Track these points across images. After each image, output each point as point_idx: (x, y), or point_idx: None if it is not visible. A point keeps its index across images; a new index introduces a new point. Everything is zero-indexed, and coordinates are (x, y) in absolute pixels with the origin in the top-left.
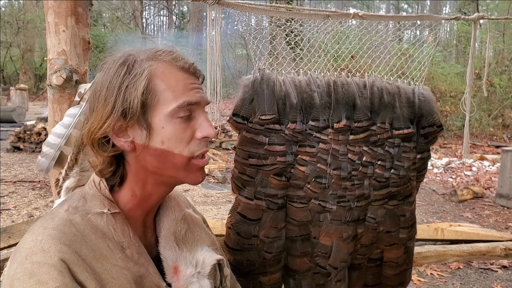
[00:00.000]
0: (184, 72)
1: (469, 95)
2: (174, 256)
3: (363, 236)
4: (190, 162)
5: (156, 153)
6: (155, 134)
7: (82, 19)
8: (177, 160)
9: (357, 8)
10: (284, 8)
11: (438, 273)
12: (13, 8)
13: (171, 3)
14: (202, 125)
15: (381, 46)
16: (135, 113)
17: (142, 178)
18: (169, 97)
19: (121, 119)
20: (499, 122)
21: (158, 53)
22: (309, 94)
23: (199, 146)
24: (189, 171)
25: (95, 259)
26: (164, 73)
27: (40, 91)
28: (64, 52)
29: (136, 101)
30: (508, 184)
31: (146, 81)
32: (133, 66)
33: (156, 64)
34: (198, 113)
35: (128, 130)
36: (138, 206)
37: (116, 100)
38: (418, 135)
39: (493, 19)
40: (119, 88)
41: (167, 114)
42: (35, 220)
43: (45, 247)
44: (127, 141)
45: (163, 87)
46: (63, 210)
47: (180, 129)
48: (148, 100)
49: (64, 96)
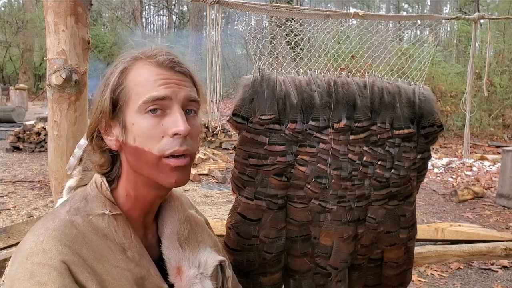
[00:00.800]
0: (158, 67)
1: (470, 95)
2: (177, 256)
3: (364, 236)
4: (161, 161)
5: (131, 151)
6: (128, 131)
7: (81, 18)
8: (148, 158)
9: (357, 8)
10: (284, 8)
11: (439, 273)
12: (13, 7)
13: (171, 3)
14: (173, 122)
15: (382, 46)
16: (106, 111)
17: (132, 178)
18: (138, 93)
19: (102, 115)
20: (500, 122)
21: (143, 52)
22: (309, 94)
23: (171, 144)
24: (160, 170)
25: (96, 260)
26: (137, 70)
27: (39, 91)
28: (63, 52)
29: (107, 99)
30: (508, 184)
31: (117, 78)
32: (115, 66)
33: (133, 62)
34: (172, 109)
35: (112, 129)
36: (135, 207)
37: (99, 99)
38: (418, 135)
39: (494, 18)
40: (103, 87)
41: (136, 110)
42: (35, 220)
43: (46, 248)
44: (112, 139)
45: (134, 83)
46: (65, 211)
47: (149, 126)
48: (120, 97)
49: (63, 96)
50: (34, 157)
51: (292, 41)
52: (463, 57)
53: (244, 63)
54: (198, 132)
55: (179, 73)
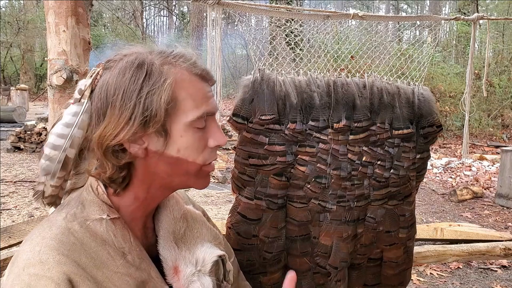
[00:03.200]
0: (201, 79)
1: (469, 95)
2: (173, 256)
3: (363, 236)
4: (202, 169)
5: (171, 161)
6: (172, 142)
7: (82, 19)
8: (190, 168)
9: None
10: (284, 9)
11: (438, 272)
12: (14, 8)
13: (171, 4)
14: (215, 134)
15: (381, 47)
16: (159, 121)
17: (147, 182)
18: (189, 106)
19: (141, 127)
20: (499, 122)
21: (175, 58)
22: (309, 94)
23: (211, 154)
24: (199, 177)
25: (96, 268)
26: (183, 80)
27: (40, 91)
28: (64, 52)
29: (161, 110)
30: (507, 184)
31: (170, 89)
32: (152, 71)
33: (175, 70)
34: (211, 121)
35: (143, 137)
36: (140, 208)
37: (135, 107)
38: (417, 135)
39: (493, 19)
40: (139, 94)
41: (187, 124)
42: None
43: (43, 259)
44: (141, 147)
45: (183, 95)
46: (61, 217)
47: (197, 139)
48: (170, 108)
49: (64, 96)
50: (35, 157)
51: (292, 42)
52: (462, 58)
53: (244, 64)
54: None
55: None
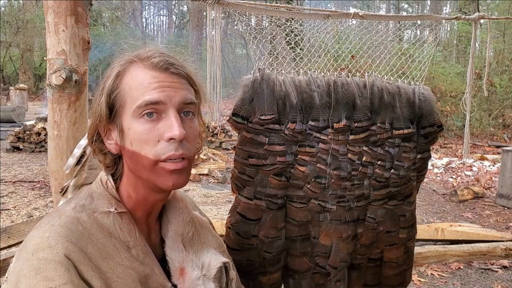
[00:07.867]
0: (153, 69)
1: (470, 95)
2: (180, 257)
3: (363, 236)
4: (158, 165)
5: (129, 155)
6: (125, 136)
7: (81, 18)
8: (144, 162)
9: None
10: (284, 8)
11: (439, 273)
12: (13, 7)
13: (171, 3)
14: (168, 126)
15: (381, 46)
16: (103, 115)
17: (132, 180)
18: (133, 97)
19: (98, 121)
20: (500, 122)
21: (138, 54)
22: (309, 94)
23: (167, 148)
24: (157, 174)
25: (101, 258)
26: (132, 73)
27: (39, 91)
28: (63, 52)
29: (103, 103)
30: (508, 184)
31: (112, 82)
32: (111, 69)
33: (128, 65)
34: (167, 113)
35: (112, 132)
36: (137, 207)
37: (97, 103)
38: (418, 135)
39: (494, 18)
40: (100, 91)
41: (131, 115)
42: (35, 220)
43: (52, 244)
44: (112, 143)
45: (128, 87)
46: (70, 208)
47: (145, 130)
48: (116, 101)
49: (63, 96)
50: (34, 157)
51: (292, 41)
52: (463, 57)
53: (244, 63)
54: (196, 134)
55: (174, 75)
